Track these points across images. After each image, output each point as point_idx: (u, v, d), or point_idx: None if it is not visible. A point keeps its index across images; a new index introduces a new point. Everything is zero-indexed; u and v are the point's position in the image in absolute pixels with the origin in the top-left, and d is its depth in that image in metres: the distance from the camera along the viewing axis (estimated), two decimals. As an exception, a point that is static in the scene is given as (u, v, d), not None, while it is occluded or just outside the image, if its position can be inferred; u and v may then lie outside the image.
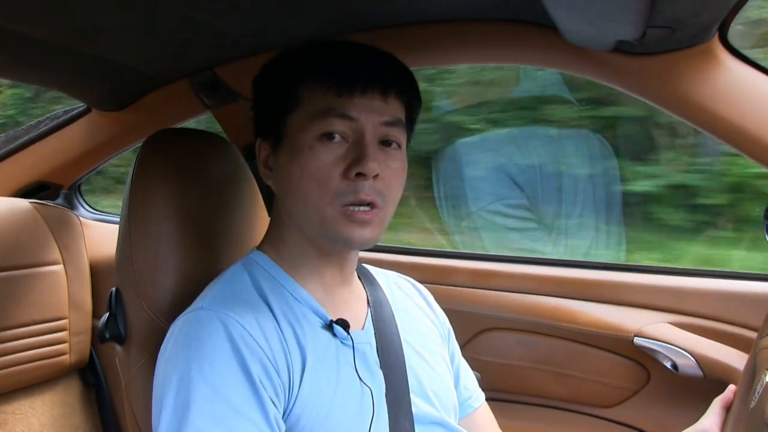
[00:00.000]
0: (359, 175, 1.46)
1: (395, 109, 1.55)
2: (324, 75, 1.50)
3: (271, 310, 1.49)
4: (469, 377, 1.93)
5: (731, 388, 1.67)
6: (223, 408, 1.31)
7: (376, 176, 1.46)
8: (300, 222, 1.55)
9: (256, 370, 1.36)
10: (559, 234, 3.71)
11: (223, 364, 1.35)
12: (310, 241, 1.57)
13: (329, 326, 1.54)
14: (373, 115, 1.51)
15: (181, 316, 1.48)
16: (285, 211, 1.60)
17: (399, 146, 1.56)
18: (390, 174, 1.51)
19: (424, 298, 1.93)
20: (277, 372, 1.39)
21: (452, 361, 1.88)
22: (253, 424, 1.32)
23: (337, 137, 1.48)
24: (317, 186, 1.47)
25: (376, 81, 1.52)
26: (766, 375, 1.36)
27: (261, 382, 1.35)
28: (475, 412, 1.90)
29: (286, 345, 1.44)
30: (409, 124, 1.63)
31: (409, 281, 1.96)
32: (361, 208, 1.47)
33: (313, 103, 1.49)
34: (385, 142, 1.53)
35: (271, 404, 1.36)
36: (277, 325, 1.46)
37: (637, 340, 2.26)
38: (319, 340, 1.51)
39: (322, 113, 1.48)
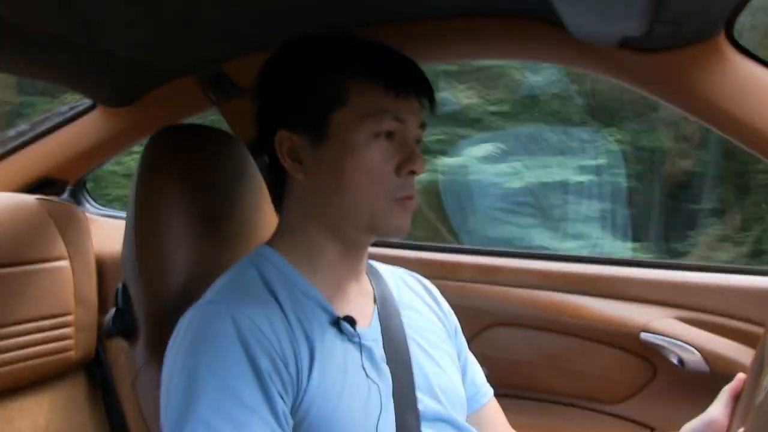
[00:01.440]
0: (411, 173, 1.55)
1: (421, 111, 1.63)
2: (376, 75, 1.55)
3: (280, 305, 1.49)
4: (476, 372, 1.93)
5: (740, 376, 1.66)
6: (231, 401, 1.32)
7: None
8: (343, 215, 1.57)
9: (264, 364, 1.36)
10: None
11: (231, 357, 1.35)
12: (339, 235, 1.60)
13: (336, 323, 1.54)
14: (414, 117, 1.60)
15: (189, 310, 1.48)
16: (313, 204, 1.60)
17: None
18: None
19: (432, 295, 1.93)
20: (286, 366, 1.40)
21: (459, 357, 1.88)
22: (261, 418, 1.32)
23: (391, 136, 1.54)
24: (372, 181, 1.53)
25: (419, 86, 1.61)
26: None
27: (269, 376, 1.36)
28: (483, 408, 1.89)
29: (295, 339, 1.44)
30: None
31: (416, 277, 1.96)
32: (409, 201, 1.57)
33: (365, 101, 1.53)
34: (418, 141, 1.61)
35: (279, 398, 1.36)
36: (285, 319, 1.46)
37: (643, 336, 2.26)
38: (326, 337, 1.51)
39: (377, 113, 1.53)
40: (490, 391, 1.94)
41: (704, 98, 1.78)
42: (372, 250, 1.74)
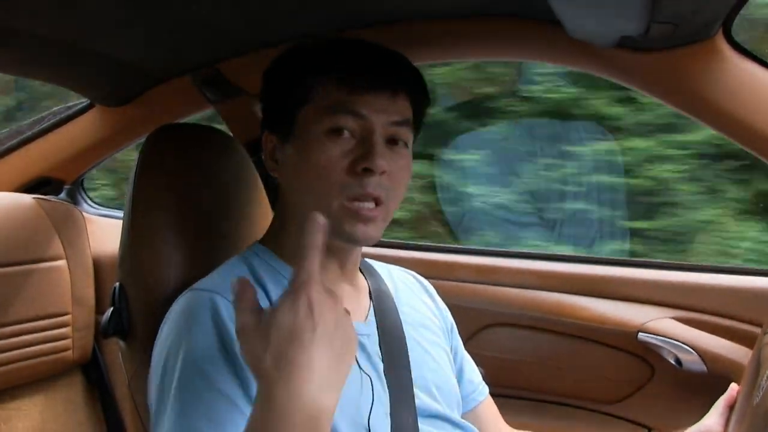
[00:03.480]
0: (366, 170, 1.46)
1: (404, 108, 1.57)
2: (336, 71, 1.52)
3: (268, 297, 1.50)
4: (472, 371, 1.93)
5: (734, 387, 1.66)
6: (201, 384, 1.31)
7: (383, 173, 1.47)
8: (303, 214, 1.52)
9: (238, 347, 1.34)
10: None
11: (204, 341, 1.36)
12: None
13: None
14: (382, 114, 1.52)
15: (176, 299, 1.50)
16: (290, 204, 1.60)
17: (406, 145, 1.58)
18: (397, 171, 1.53)
19: (427, 292, 1.94)
20: None
21: (455, 355, 1.89)
22: (231, 402, 1.31)
23: (346, 133, 1.49)
24: (323, 179, 1.48)
25: (387, 80, 1.53)
26: None
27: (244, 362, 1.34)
28: (479, 406, 1.90)
29: None
30: (417, 123, 1.64)
31: (411, 275, 1.97)
32: (366, 204, 1.48)
33: (324, 99, 1.51)
34: (392, 141, 1.54)
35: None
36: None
37: (641, 336, 2.26)
38: None
39: (332, 108, 1.49)
40: (486, 389, 1.95)
41: (702, 98, 1.78)
42: (369, 249, 1.74)
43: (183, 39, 2.11)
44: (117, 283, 1.86)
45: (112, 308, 1.85)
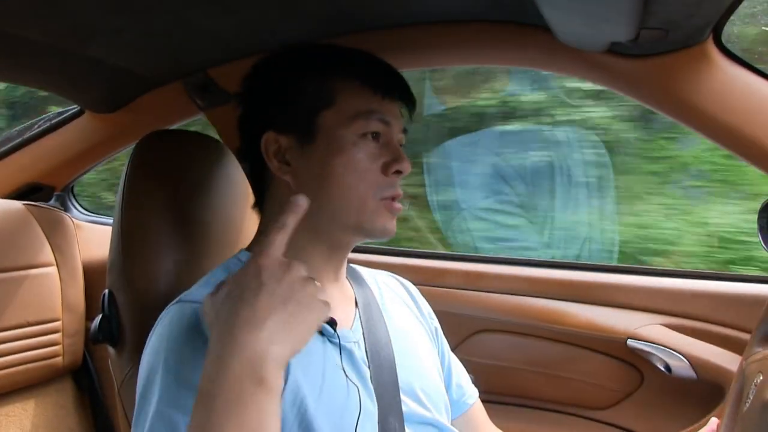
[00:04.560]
0: (397, 172, 1.59)
1: (406, 117, 1.69)
2: (363, 77, 1.60)
3: None
4: (461, 374, 1.93)
5: (714, 421, 1.68)
6: (187, 397, 1.28)
7: None
8: (331, 216, 1.58)
9: None
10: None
11: (190, 353, 1.35)
12: (325, 236, 1.61)
13: None
14: (397, 120, 1.65)
15: (162, 312, 1.49)
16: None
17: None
18: None
19: (412, 296, 1.95)
20: None
21: (442, 359, 1.89)
22: None
23: (377, 137, 1.58)
24: (360, 179, 1.56)
25: (401, 91, 1.67)
26: (759, 376, 1.36)
27: None
28: (469, 410, 1.90)
29: None
30: None
31: (396, 279, 1.98)
32: (397, 203, 1.60)
33: (353, 103, 1.58)
34: (401, 146, 1.65)
35: None
36: None
37: (630, 342, 2.27)
38: None
39: (364, 114, 1.57)
40: (476, 392, 1.95)
41: (692, 104, 1.79)
42: (357, 256, 1.74)
43: (174, 45, 2.11)
44: (106, 290, 1.85)
45: (101, 315, 1.85)
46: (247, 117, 1.70)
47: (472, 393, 1.93)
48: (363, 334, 1.64)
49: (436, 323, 1.94)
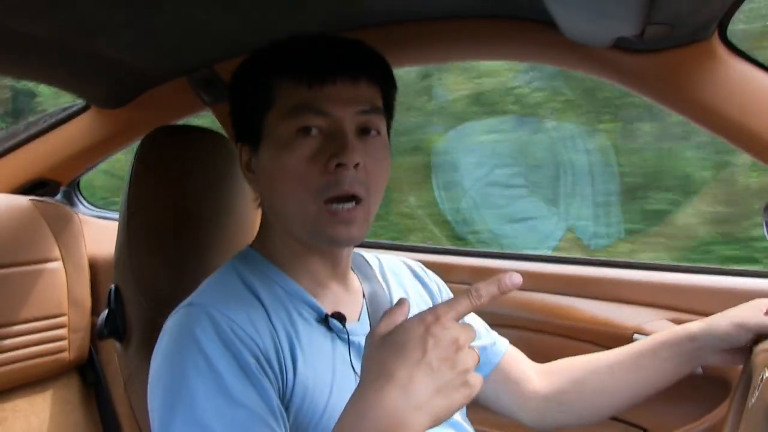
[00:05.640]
0: (339, 166, 1.43)
1: (370, 95, 1.54)
2: (293, 70, 1.49)
3: (262, 304, 1.48)
4: (479, 335, 1.91)
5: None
6: (221, 399, 1.29)
7: (356, 166, 1.45)
8: (284, 221, 1.54)
9: (249, 358, 1.35)
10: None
11: (218, 356, 1.33)
12: (297, 239, 1.56)
13: (324, 320, 1.54)
14: (347, 105, 1.49)
15: (171, 314, 1.47)
16: (270, 211, 1.59)
17: (378, 133, 1.54)
18: (372, 162, 1.49)
19: (417, 276, 1.94)
20: (269, 363, 1.39)
21: None
22: (252, 412, 1.30)
23: (314, 131, 1.46)
24: (298, 183, 1.46)
25: (344, 69, 1.50)
26: (766, 371, 1.36)
27: (257, 370, 1.34)
28: (498, 365, 1.92)
29: (278, 338, 1.43)
30: (388, 109, 1.62)
31: (402, 262, 1.96)
32: (345, 205, 1.46)
33: (287, 100, 1.49)
34: (364, 131, 1.51)
35: (272, 391, 1.35)
36: (268, 318, 1.46)
37: (636, 338, 2.25)
38: (314, 334, 1.51)
39: (296, 109, 1.47)
40: (503, 344, 1.96)
41: (698, 99, 1.78)
42: (361, 251, 1.74)
43: (179, 40, 2.11)
44: (113, 285, 1.86)
45: (107, 310, 1.85)
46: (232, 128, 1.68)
47: (497, 350, 1.93)
48: (371, 326, 1.63)
49: (445, 294, 1.95)
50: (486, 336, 1.95)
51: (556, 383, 1.90)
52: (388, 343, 1.16)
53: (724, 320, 1.67)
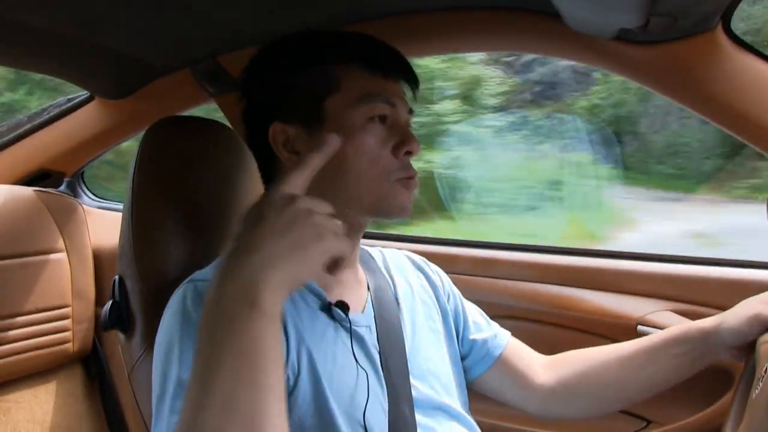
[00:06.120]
0: (407, 153, 1.59)
1: (409, 98, 1.67)
2: (367, 60, 1.58)
3: None
4: (479, 329, 1.94)
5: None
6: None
7: None
8: (345, 200, 1.57)
9: None
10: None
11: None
12: (342, 219, 1.54)
13: (327, 308, 1.56)
14: (402, 101, 1.63)
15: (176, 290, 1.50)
16: (313, 193, 1.58)
17: None
18: None
19: (420, 269, 1.95)
20: None
21: (457, 318, 1.91)
22: None
23: (387, 120, 1.58)
24: (372, 164, 1.56)
25: (405, 71, 1.66)
26: None
27: None
28: (500, 357, 1.91)
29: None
30: None
31: (405, 255, 1.98)
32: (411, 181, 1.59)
33: (356, 87, 1.56)
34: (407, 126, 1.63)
35: None
36: None
37: (640, 328, 2.26)
38: (316, 321, 1.52)
39: (370, 97, 1.56)
40: (505, 337, 1.95)
41: (701, 91, 1.78)
42: (367, 242, 1.74)
43: (183, 31, 2.11)
44: (117, 276, 1.86)
45: (111, 301, 1.86)
46: (252, 109, 1.69)
47: (498, 343, 1.93)
48: (375, 318, 1.65)
49: (448, 287, 1.96)
50: (487, 328, 1.95)
51: (563, 376, 1.89)
52: (247, 220, 1.23)
53: (736, 315, 1.66)
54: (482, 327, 1.94)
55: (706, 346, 1.70)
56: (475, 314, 1.96)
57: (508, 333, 1.97)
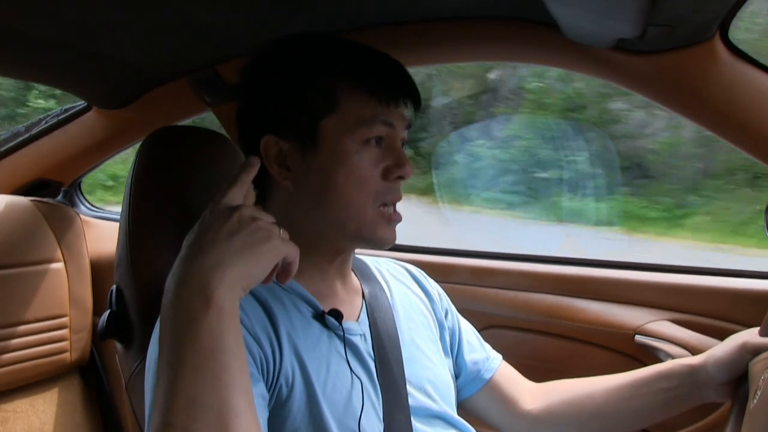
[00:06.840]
0: (399, 178, 1.57)
1: (411, 112, 1.64)
2: (368, 83, 1.55)
3: (257, 298, 1.51)
4: (473, 350, 1.93)
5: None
6: None
7: None
8: (331, 224, 1.57)
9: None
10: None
11: None
12: (324, 242, 1.60)
13: (321, 316, 1.55)
14: (401, 120, 1.61)
15: None
16: (300, 212, 1.59)
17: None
18: None
19: (417, 281, 1.95)
20: (260, 348, 1.41)
21: (453, 336, 1.91)
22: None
23: (382, 143, 1.56)
24: (360, 188, 1.54)
25: (408, 92, 1.62)
26: (766, 372, 1.36)
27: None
28: (491, 380, 1.91)
29: (272, 330, 1.46)
30: None
31: (402, 266, 1.97)
32: (392, 209, 1.58)
33: (356, 110, 1.54)
34: (402, 144, 1.63)
35: (260, 380, 1.38)
36: (262, 310, 1.48)
37: (638, 338, 2.26)
38: (310, 330, 1.52)
39: (368, 121, 1.54)
40: (497, 360, 1.96)
41: (699, 100, 1.79)
42: (365, 252, 1.74)
43: (180, 41, 2.11)
44: (114, 286, 1.86)
45: (109, 311, 1.85)
46: (246, 114, 1.67)
47: (489, 365, 1.93)
48: (369, 326, 1.64)
49: (446, 303, 1.95)
50: (480, 350, 1.95)
51: (550, 404, 1.90)
52: (195, 231, 1.30)
53: (723, 347, 1.68)
54: (475, 348, 1.94)
55: (694, 382, 1.71)
56: (470, 334, 1.96)
57: (500, 357, 1.97)
